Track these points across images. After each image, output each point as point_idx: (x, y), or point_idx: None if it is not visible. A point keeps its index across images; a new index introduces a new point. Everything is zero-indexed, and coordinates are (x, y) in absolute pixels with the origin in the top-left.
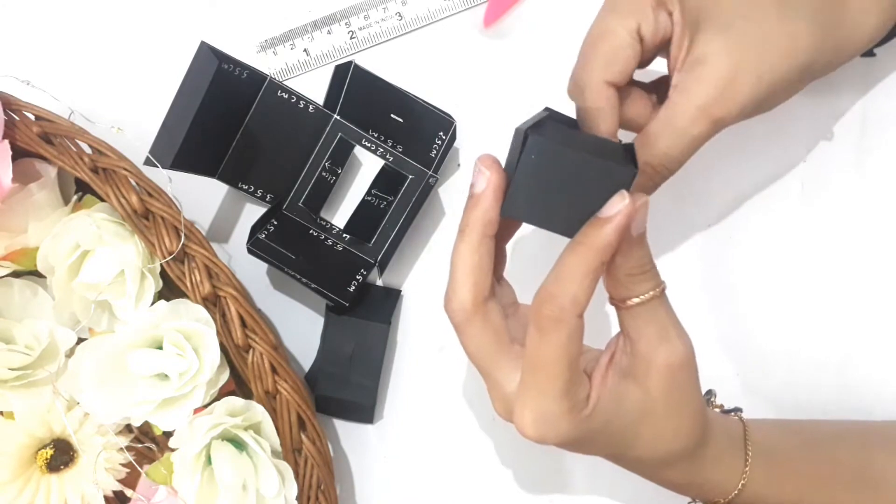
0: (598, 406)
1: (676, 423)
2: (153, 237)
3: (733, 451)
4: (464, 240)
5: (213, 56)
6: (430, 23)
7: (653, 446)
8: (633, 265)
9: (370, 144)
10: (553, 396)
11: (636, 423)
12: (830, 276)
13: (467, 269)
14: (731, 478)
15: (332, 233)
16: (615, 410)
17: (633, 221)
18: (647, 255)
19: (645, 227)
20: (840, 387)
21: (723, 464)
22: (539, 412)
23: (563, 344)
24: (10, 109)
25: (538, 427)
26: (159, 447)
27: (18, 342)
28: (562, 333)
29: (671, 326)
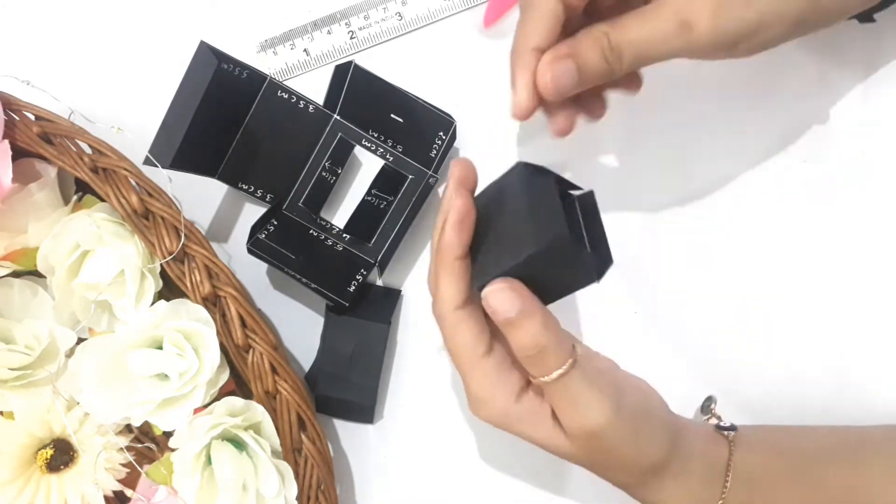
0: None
1: (610, 467)
2: (153, 237)
3: (709, 481)
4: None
5: (212, 56)
6: (430, 23)
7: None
8: (518, 349)
9: (370, 144)
10: (474, 378)
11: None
12: (830, 277)
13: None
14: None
15: (332, 233)
16: (548, 436)
17: (494, 306)
18: (525, 341)
19: (510, 312)
20: (838, 389)
21: (694, 492)
22: (473, 394)
23: (451, 335)
24: (10, 109)
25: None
26: (159, 447)
27: (18, 342)
28: (447, 323)
29: (574, 406)
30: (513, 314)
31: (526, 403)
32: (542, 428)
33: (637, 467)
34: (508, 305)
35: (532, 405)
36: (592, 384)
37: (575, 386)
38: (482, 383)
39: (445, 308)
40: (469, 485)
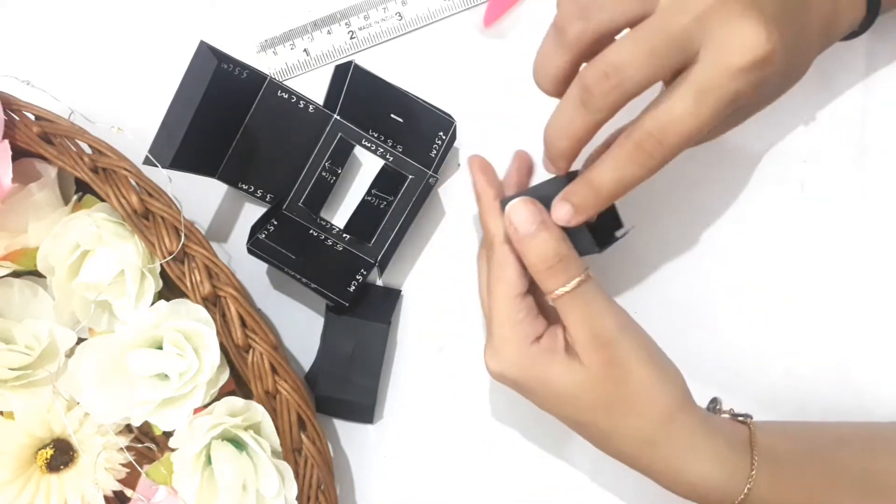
0: (545, 356)
1: (625, 399)
2: (153, 237)
3: (737, 454)
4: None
5: (212, 56)
6: (430, 23)
7: (609, 419)
8: (534, 262)
9: (370, 144)
10: (503, 319)
11: (589, 392)
12: (830, 277)
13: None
14: (735, 482)
15: (332, 233)
16: (563, 372)
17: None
18: (547, 251)
19: (532, 225)
20: (840, 387)
21: (723, 462)
22: (496, 335)
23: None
24: (10, 109)
25: (490, 352)
26: (159, 447)
27: (18, 342)
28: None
29: (590, 316)
30: (535, 226)
31: (542, 344)
32: (556, 360)
33: (656, 402)
34: (531, 218)
35: (547, 343)
36: (607, 300)
37: (591, 294)
38: (509, 323)
39: (495, 242)
40: (469, 485)
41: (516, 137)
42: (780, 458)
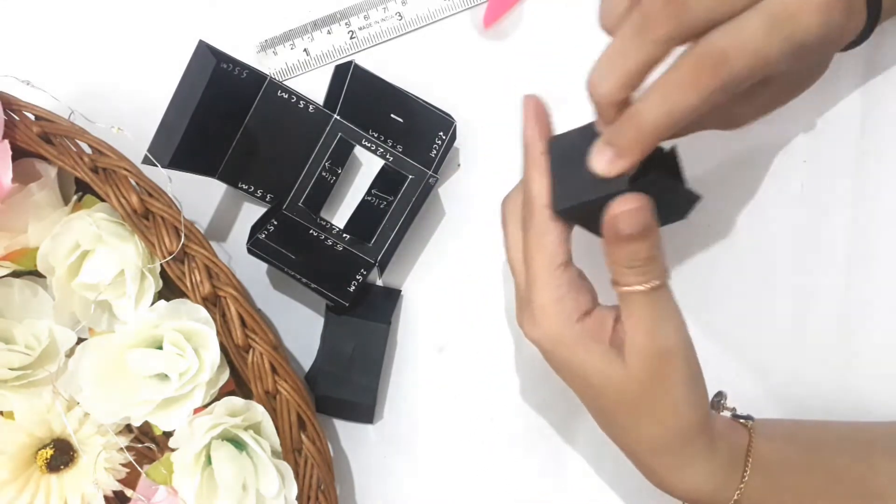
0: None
1: (654, 409)
2: (153, 237)
3: (731, 464)
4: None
5: (210, 55)
6: (430, 23)
7: (629, 421)
8: (622, 259)
9: (370, 144)
10: (543, 287)
11: (620, 392)
12: (831, 277)
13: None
14: (724, 491)
15: (332, 233)
16: (601, 364)
17: (622, 226)
18: (640, 252)
19: (635, 227)
20: (841, 387)
21: (717, 475)
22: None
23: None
24: (10, 109)
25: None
26: (159, 447)
27: (18, 342)
28: (535, 223)
29: (656, 321)
30: (638, 229)
31: (587, 325)
32: (597, 350)
33: (682, 420)
34: (639, 222)
35: (592, 327)
36: (677, 310)
37: (665, 299)
38: (551, 295)
39: (535, 205)
40: (469, 485)
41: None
42: (775, 466)
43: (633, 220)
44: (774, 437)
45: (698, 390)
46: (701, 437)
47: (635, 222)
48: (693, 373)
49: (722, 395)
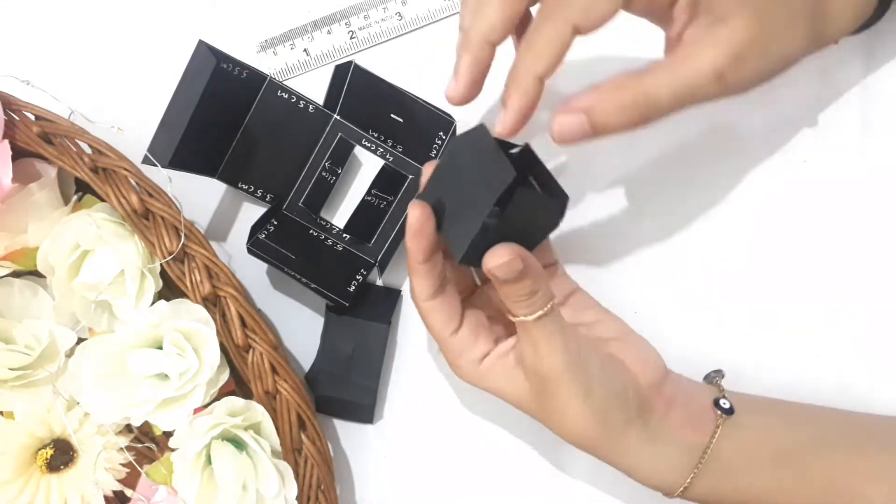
0: (491, 372)
1: (558, 419)
2: (153, 237)
3: (679, 462)
4: (409, 263)
5: (210, 55)
6: (430, 23)
7: (552, 427)
8: (508, 296)
9: (370, 144)
10: (446, 350)
11: (527, 406)
12: (831, 277)
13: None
14: (671, 482)
15: (332, 233)
16: (507, 385)
17: (497, 274)
18: (521, 290)
19: (510, 275)
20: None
21: (660, 472)
22: (448, 362)
23: (425, 319)
24: (10, 109)
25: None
26: (159, 447)
27: (18, 342)
28: (420, 311)
29: (544, 345)
30: (514, 275)
31: (488, 363)
32: (502, 379)
33: (586, 433)
34: (511, 271)
35: (493, 362)
36: (563, 332)
37: (549, 328)
38: (452, 353)
39: (418, 300)
40: (469, 484)
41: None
42: (734, 465)
43: (507, 270)
44: (745, 432)
45: (599, 404)
46: (623, 442)
47: (509, 271)
48: (586, 390)
49: (719, 372)
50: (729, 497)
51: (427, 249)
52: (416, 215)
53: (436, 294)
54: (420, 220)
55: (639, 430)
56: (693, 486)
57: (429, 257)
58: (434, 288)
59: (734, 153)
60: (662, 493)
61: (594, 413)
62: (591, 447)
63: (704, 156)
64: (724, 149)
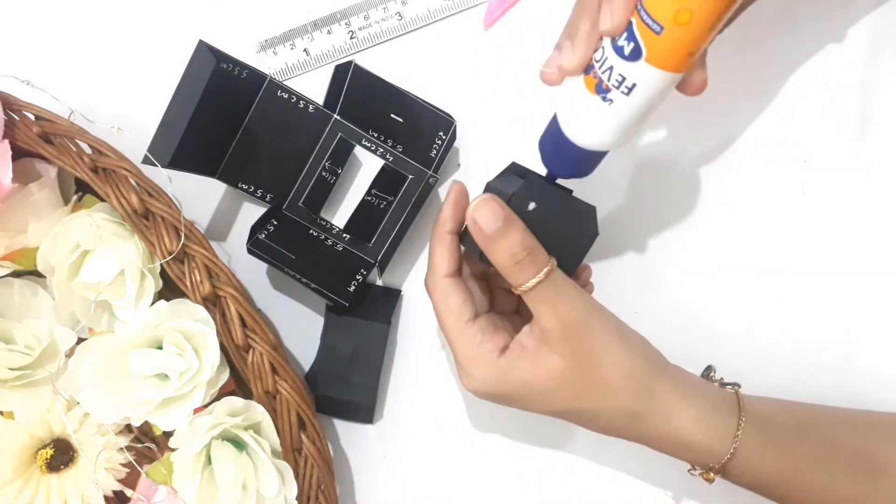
0: (514, 363)
1: (605, 379)
2: (153, 237)
3: (723, 415)
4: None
5: (210, 55)
6: (430, 23)
7: (592, 403)
8: (504, 258)
9: (370, 144)
10: (461, 342)
11: (565, 383)
12: (831, 276)
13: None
14: (721, 441)
15: (332, 233)
16: (535, 371)
17: (480, 220)
18: (515, 246)
19: (494, 222)
20: (839, 384)
21: (709, 425)
22: (461, 359)
23: (442, 300)
24: (10, 109)
25: (462, 373)
26: (159, 447)
27: (18, 342)
28: (438, 290)
29: (561, 301)
30: (500, 223)
31: (510, 354)
32: (528, 363)
33: (631, 378)
34: (493, 216)
35: (515, 352)
36: (573, 286)
37: (559, 282)
38: (469, 346)
39: (437, 276)
40: (469, 484)
41: (516, 137)
42: (770, 426)
43: (489, 215)
44: (767, 402)
45: (631, 344)
46: (665, 384)
47: (492, 216)
48: (617, 333)
49: (711, 367)
50: (770, 467)
51: (459, 220)
52: (457, 188)
53: (455, 272)
54: (462, 191)
55: (680, 377)
56: (742, 448)
57: (457, 228)
58: (456, 264)
59: (734, 153)
60: (710, 459)
61: (635, 350)
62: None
63: (704, 156)
64: (724, 149)
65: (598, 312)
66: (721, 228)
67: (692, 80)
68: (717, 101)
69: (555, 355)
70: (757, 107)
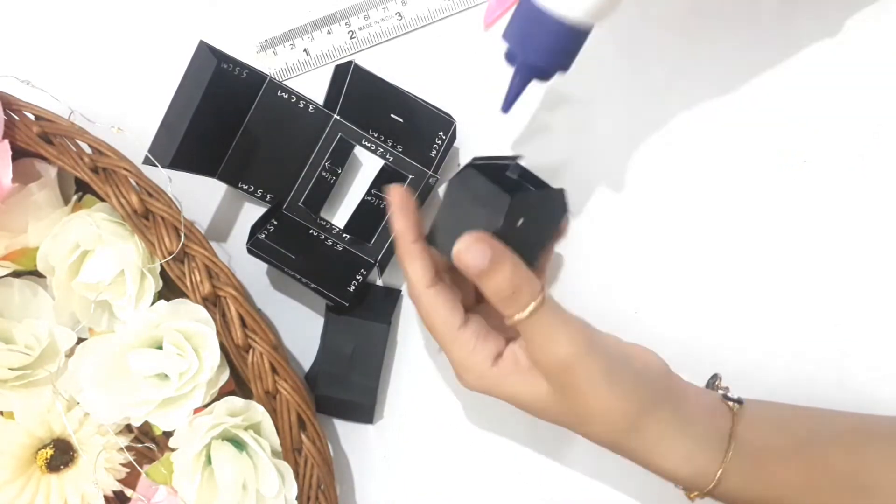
0: (507, 376)
1: (586, 414)
2: (153, 237)
3: (710, 450)
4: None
5: (211, 55)
6: (430, 23)
7: (577, 427)
8: (493, 295)
9: (370, 144)
10: (454, 349)
11: (551, 408)
12: (831, 276)
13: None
14: (704, 476)
15: (332, 233)
16: (526, 389)
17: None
18: (501, 285)
19: (483, 263)
20: (839, 386)
21: (694, 455)
22: (455, 364)
23: (429, 312)
24: (10, 109)
25: (457, 374)
26: (159, 447)
27: (18, 342)
28: (423, 303)
29: (546, 339)
30: (486, 263)
31: (503, 365)
32: (519, 381)
33: (615, 415)
34: (480, 256)
35: (507, 364)
36: (565, 321)
37: (548, 317)
38: (462, 353)
39: (419, 289)
40: (469, 484)
41: (516, 137)
42: (760, 452)
43: (477, 256)
44: (761, 424)
45: (621, 382)
46: (653, 421)
47: (480, 258)
48: (606, 369)
49: (717, 376)
50: (757, 492)
51: (416, 224)
52: (393, 196)
53: (435, 280)
54: (398, 199)
55: (669, 414)
56: (725, 478)
57: (419, 235)
58: (433, 272)
59: (734, 153)
60: (693, 488)
61: (621, 392)
62: (620, 437)
63: (704, 156)
64: (724, 149)
65: (587, 350)
66: (721, 228)
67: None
68: (716, 101)
69: (543, 381)
70: (757, 107)
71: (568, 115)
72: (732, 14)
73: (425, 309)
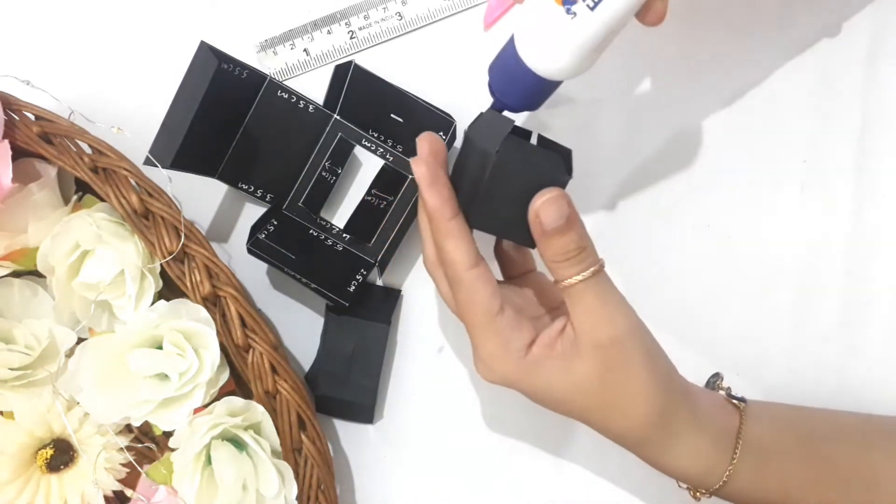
0: (541, 363)
1: (620, 400)
2: (153, 237)
3: (720, 448)
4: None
5: (212, 56)
6: (430, 23)
7: (603, 421)
8: (554, 253)
9: (370, 144)
10: (486, 337)
11: (584, 395)
12: (831, 276)
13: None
14: (714, 473)
15: (332, 233)
16: (560, 376)
17: (545, 217)
18: (570, 244)
19: (559, 220)
20: (839, 386)
21: (704, 455)
22: (484, 354)
23: (469, 296)
24: (10, 109)
25: (480, 364)
26: (159, 447)
27: (18, 342)
28: (464, 286)
29: (602, 307)
30: (563, 220)
31: (535, 352)
32: (554, 366)
33: (647, 406)
34: (560, 212)
35: (541, 351)
36: (619, 294)
37: (605, 285)
38: (495, 342)
39: (460, 271)
40: (469, 484)
41: None
42: (766, 450)
43: (555, 213)
44: (767, 422)
45: (658, 372)
46: (675, 418)
47: (557, 215)
48: (650, 357)
49: (718, 375)
50: (764, 490)
51: (451, 198)
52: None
53: (478, 260)
54: (427, 174)
55: (689, 413)
56: (734, 477)
57: (456, 210)
58: (475, 251)
59: (734, 153)
60: (701, 487)
61: (659, 383)
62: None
63: (704, 156)
64: (724, 149)
65: (636, 330)
66: (721, 228)
67: (654, 6)
68: (716, 100)
69: (581, 364)
70: (756, 107)
71: (568, 115)
72: (733, 14)
73: (466, 292)
